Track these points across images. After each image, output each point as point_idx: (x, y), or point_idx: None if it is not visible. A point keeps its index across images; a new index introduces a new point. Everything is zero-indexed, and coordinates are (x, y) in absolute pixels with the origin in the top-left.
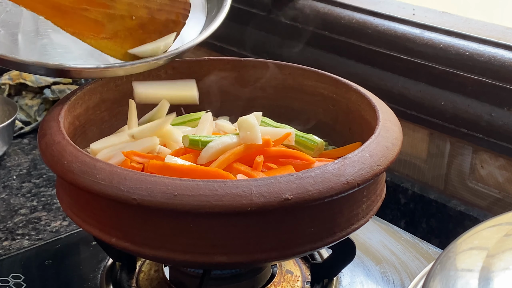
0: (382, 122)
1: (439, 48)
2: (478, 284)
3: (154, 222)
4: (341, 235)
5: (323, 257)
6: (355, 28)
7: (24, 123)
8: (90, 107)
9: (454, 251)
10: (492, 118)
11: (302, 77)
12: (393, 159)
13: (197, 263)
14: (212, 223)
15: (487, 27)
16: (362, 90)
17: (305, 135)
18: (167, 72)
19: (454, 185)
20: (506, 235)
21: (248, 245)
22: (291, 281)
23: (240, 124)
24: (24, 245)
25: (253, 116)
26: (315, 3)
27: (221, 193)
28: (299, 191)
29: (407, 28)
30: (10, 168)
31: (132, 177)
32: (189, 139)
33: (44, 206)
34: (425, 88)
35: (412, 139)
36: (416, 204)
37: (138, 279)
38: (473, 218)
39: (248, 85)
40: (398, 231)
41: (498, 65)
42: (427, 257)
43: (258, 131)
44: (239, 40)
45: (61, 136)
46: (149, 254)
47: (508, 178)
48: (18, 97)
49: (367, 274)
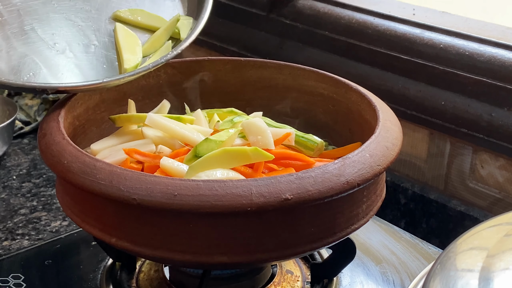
0: (382, 122)
1: (439, 48)
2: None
3: (154, 222)
4: (341, 235)
5: (323, 257)
6: (355, 28)
7: (24, 123)
8: (90, 107)
9: (454, 251)
10: (492, 118)
11: (302, 77)
12: (393, 159)
13: (197, 263)
14: (212, 223)
15: (487, 27)
16: (362, 90)
17: (305, 135)
18: (167, 72)
19: (454, 185)
20: (506, 235)
21: (248, 245)
22: (291, 281)
23: (248, 128)
24: (24, 245)
25: (261, 119)
26: (315, 3)
27: (221, 193)
28: (299, 191)
29: (407, 28)
30: (10, 168)
31: (132, 177)
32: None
33: (44, 206)
34: (425, 88)
35: (412, 139)
36: (416, 204)
37: (138, 279)
38: (473, 218)
39: (248, 85)
40: (398, 231)
41: (498, 65)
42: (427, 257)
43: (270, 135)
44: (239, 40)
45: (61, 136)
46: (149, 254)
47: (508, 178)
48: (18, 97)
49: (367, 274)
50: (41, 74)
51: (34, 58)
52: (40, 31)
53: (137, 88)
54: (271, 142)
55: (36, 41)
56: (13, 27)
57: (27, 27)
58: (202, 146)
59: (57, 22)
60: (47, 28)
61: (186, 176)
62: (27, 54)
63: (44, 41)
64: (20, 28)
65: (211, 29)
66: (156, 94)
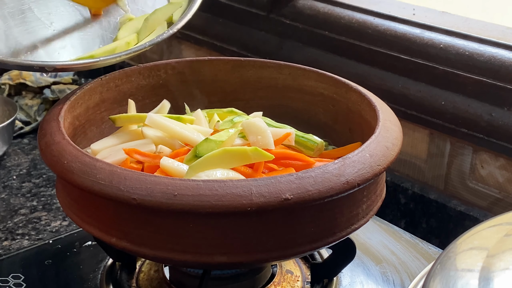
0: (382, 122)
1: (439, 48)
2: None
3: (154, 222)
4: (341, 235)
5: (323, 257)
6: (355, 28)
7: (24, 123)
8: (90, 107)
9: (454, 251)
10: (492, 118)
11: (302, 77)
12: (393, 159)
13: (197, 263)
14: (212, 223)
15: (487, 27)
16: (362, 90)
17: (305, 135)
18: (167, 72)
19: (454, 185)
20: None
21: (248, 245)
22: (291, 281)
23: (248, 128)
24: (24, 245)
25: (261, 119)
26: (315, 3)
27: (221, 193)
28: (299, 191)
29: (407, 28)
30: (10, 168)
31: (132, 177)
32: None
33: (44, 206)
34: (425, 88)
35: (412, 139)
36: (416, 204)
37: (138, 279)
38: (473, 218)
39: (248, 85)
40: (398, 231)
41: (498, 65)
42: (427, 257)
43: (270, 135)
44: (239, 40)
45: (61, 136)
46: (149, 254)
47: (508, 178)
48: (18, 97)
49: (367, 274)
50: (38, 53)
51: (30, 38)
52: (36, 11)
53: (137, 88)
54: (271, 142)
55: (33, 20)
56: (10, 7)
57: (24, 7)
58: (202, 146)
59: (53, 1)
60: (43, 8)
61: (186, 176)
62: (23, 34)
63: (41, 20)
64: (17, 8)
65: (211, 29)
66: (156, 94)
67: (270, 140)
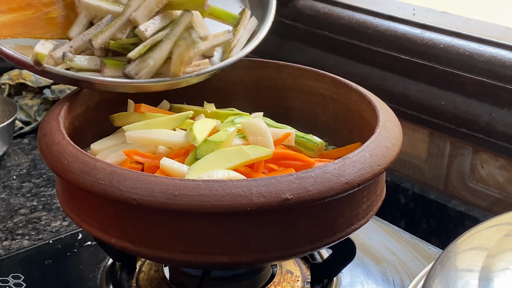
0: (382, 122)
1: (439, 48)
2: (478, 284)
3: (154, 222)
4: (341, 235)
5: (323, 257)
6: (355, 28)
7: (24, 123)
8: (90, 107)
9: (454, 251)
10: (492, 118)
11: (302, 77)
12: (393, 159)
13: (197, 263)
14: (212, 223)
15: (487, 27)
16: (362, 90)
17: (305, 135)
18: None
19: (454, 185)
20: (506, 235)
21: (248, 245)
22: (291, 281)
23: (248, 128)
24: (24, 245)
25: (261, 120)
26: (315, 3)
27: (221, 193)
28: (299, 191)
29: (407, 28)
30: (10, 168)
31: (132, 177)
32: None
33: (44, 206)
34: (425, 88)
35: (412, 139)
36: (416, 204)
37: (138, 279)
38: (473, 218)
39: (248, 85)
40: (398, 231)
41: (498, 65)
42: (427, 257)
43: (269, 136)
44: None
45: (61, 136)
46: (149, 254)
47: (508, 178)
48: (18, 97)
49: (367, 274)
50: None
51: None
52: None
53: None
54: (271, 142)
55: None
56: None
57: None
58: (202, 148)
59: None
60: None
61: (186, 177)
62: None
63: None
64: None
65: None
66: (156, 94)
67: (270, 140)
